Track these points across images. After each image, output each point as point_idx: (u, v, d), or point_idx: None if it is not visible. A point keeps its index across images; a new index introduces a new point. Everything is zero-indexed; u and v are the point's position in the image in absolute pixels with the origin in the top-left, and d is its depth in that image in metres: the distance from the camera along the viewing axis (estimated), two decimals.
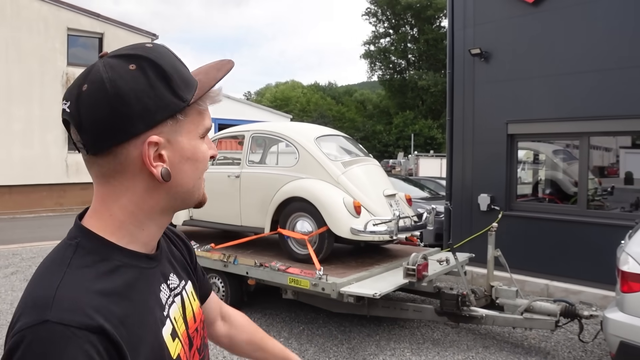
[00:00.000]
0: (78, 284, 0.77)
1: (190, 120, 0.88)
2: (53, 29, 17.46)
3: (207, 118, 0.93)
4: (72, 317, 0.72)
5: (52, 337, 0.70)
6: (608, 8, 6.74)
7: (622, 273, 3.86)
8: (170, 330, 0.90)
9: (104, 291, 0.78)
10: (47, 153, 17.35)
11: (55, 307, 0.72)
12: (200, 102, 0.89)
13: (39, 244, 11.06)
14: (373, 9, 50.61)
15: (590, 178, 7.30)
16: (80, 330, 0.71)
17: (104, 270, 0.81)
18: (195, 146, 0.90)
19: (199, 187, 0.94)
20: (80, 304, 0.74)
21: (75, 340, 0.70)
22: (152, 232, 0.92)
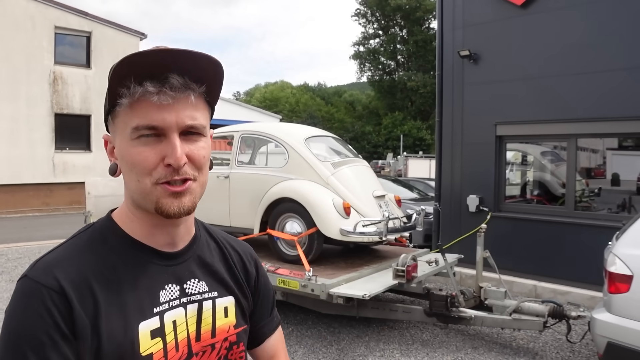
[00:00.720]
0: (65, 254, 0.90)
1: (120, 121, 0.90)
2: (40, 27, 17.28)
3: (135, 118, 0.87)
4: (41, 275, 0.85)
5: (24, 289, 0.85)
6: (596, 11, 6.79)
7: (610, 274, 3.89)
8: (154, 328, 0.90)
9: (84, 264, 0.88)
10: (33, 152, 17.16)
11: (35, 267, 0.88)
12: (120, 99, 0.87)
13: (25, 244, 10.93)
14: (362, 10, 50.66)
15: (578, 179, 7.36)
16: (45, 287, 0.83)
17: (97, 249, 0.92)
18: (124, 147, 0.90)
19: (145, 192, 0.89)
20: (53, 268, 0.86)
21: (39, 293, 0.83)
22: (144, 227, 0.95)
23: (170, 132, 0.88)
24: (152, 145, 0.88)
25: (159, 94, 0.86)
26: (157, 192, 0.89)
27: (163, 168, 0.88)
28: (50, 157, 17.64)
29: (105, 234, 0.95)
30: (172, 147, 0.87)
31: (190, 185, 0.90)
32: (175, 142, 0.87)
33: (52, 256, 0.90)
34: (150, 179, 0.88)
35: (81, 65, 18.38)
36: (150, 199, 0.90)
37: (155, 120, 0.86)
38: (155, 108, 0.86)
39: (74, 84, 18.04)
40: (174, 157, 0.87)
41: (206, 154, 0.94)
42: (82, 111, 18.25)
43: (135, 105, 0.86)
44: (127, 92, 0.86)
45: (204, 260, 1.03)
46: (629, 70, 6.47)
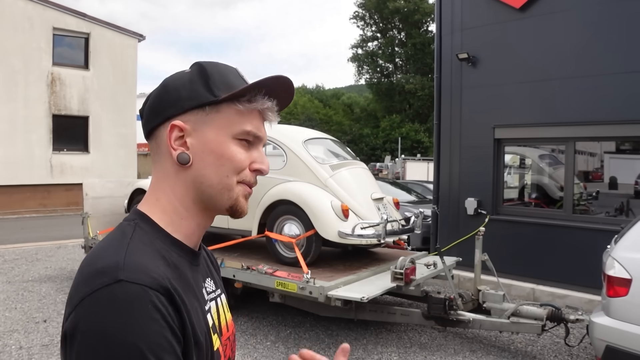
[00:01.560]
0: (143, 253, 0.84)
1: (224, 117, 0.92)
2: (38, 28, 17.25)
3: (248, 122, 0.94)
4: (144, 278, 0.78)
5: (129, 294, 0.76)
6: (594, 14, 6.81)
7: (608, 277, 3.89)
8: (212, 324, 0.94)
9: (162, 265, 0.85)
10: (31, 153, 17.11)
11: (127, 269, 0.78)
12: (240, 104, 0.92)
13: (21, 245, 10.91)
14: (361, 13, 50.73)
15: (576, 183, 7.37)
16: (152, 290, 0.78)
17: (159, 249, 0.88)
18: (222, 142, 0.92)
19: (228, 188, 0.93)
20: (148, 268, 0.81)
21: (148, 296, 0.77)
22: (190, 226, 0.96)
23: (261, 145, 0.99)
24: (246, 149, 0.95)
25: (273, 112, 0.97)
26: (238, 190, 0.94)
27: (249, 172, 0.95)
28: (48, 158, 17.59)
29: (154, 235, 0.91)
30: (262, 156, 0.98)
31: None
32: (264, 152, 1.00)
33: (133, 258, 0.81)
34: (238, 177, 0.94)
35: (79, 67, 18.36)
36: (230, 195, 0.94)
37: (259, 131, 0.96)
38: (259, 120, 0.96)
39: (72, 85, 18.01)
40: (266, 165, 0.98)
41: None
42: (79, 112, 18.22)
43: (248, 113, 0.94)
44: (253, 99, 0.93)
45: (206, 260, 1.07)
46: (627, 74, 6.49)
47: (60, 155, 17.87)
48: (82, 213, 8.07)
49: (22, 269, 8.63)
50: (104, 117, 18.60)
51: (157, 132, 0.94)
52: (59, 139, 17.75)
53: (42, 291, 7.26)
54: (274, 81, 0.94)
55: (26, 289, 7.39)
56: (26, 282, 7.80)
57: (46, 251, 10.31)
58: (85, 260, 0.86)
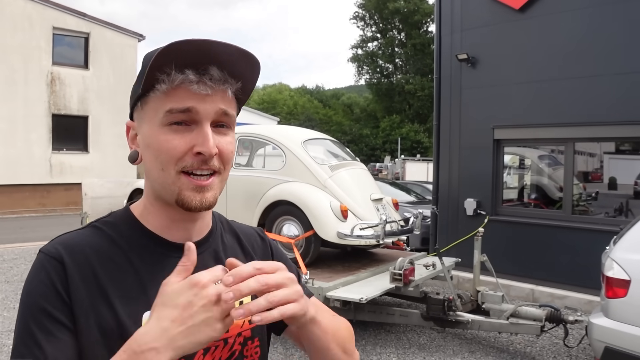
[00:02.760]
0: (76, 235, 0.93)
1: (152, 107, 0.89)
2: (38, 27, 17.24)
3: (168, 102, 0.85)
4: (49, 248, 0.90)
5: (36, 260, 0.90)
6: (594, 15, 6.81)
7: (607, 278, 3.89)
8: None
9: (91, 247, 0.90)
10: (30, 153, 17.11)
11: (48, 243, 0.91)
12: (158, 85, 0.86)
13: (20, 245, 10.89)
14: (361, 13, 50.73)
15: (575, 183, 7.36)
16: (47, 256, 0.88)
17: (110, 237, 0.93)
18: (152, 134, 0.88)
19: (168, 182, 0.88)
20: (62, 243, 0.90)
21: (43, 261, 0.88)
22: (161, 220, 0.95)
23: (204, 121, 0.87)
24: (182, 133, 0.87)
25: (198, 83, 0.85)
26: (180, 183, 0.88)
27: (191, 156, 0.87)
28: (47, 157, 17.59)
29: (121, 223, 0.95)
30: (204, 135, 0.86)
31: (213, 181, 0.90)
32: (208, 130, 0.87)
33: (65, 236, 0.93)
34: (176, 167, 0.87)
35: (79, 66, 18.35)
36: (172, 189, 0.88)
37: (191, 103, 0.86)
38: (192, 96, 0.86)
39: (72, 84, 18.00)
40: (207, 145, 0.86)
41: (233, 149, 0.93)
42: (79, 112, 18.21)
43: (172, 92, 0.86)
44: (165, 78, 0.85)
45: (219, 255, 1.01)
46: (626, 75, 6.49)
47: (60, 155, 17.86)
48: (81, 213, 8.08)
49: (20, 269, 8.62)
50: (103, 117, 18.59)
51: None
52: (59, 139, 17.74)
53: None
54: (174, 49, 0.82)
55: None
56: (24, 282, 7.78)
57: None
58: None
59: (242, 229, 1.15)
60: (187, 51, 0.83)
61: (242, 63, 0.89)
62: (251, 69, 0.91)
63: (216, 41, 0.84)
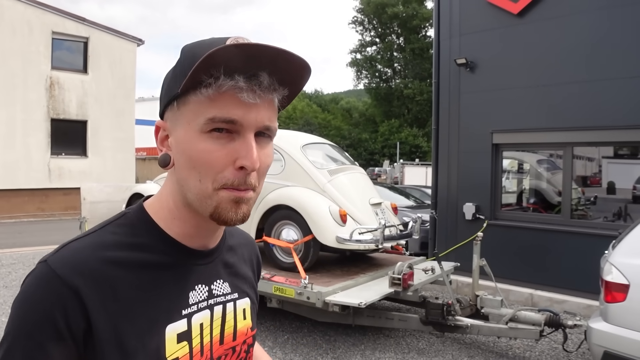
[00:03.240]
0: (92, 243, 0.83)
1: (190, 109, 0.81)
2: (37, 32, 17.26)
3: (213, 108, 0.79)
4: (62, 267, 0.79)
5: (41, 275, 0.80)
6: (591, 20, 6.83)
7: (606, 283, 3.88)
8: (181, 331, 0.86)
9: (112, 259, 0.82)
10: (29, 157, 17.10)
11: (58, 253, 0.82)
12: (202, 88, 0.78)
13: (19, 249, 10.87)
14: (360, 18, 50.89)
15: (574, 188, 7.37)
16: (60, 279, 0.78)
17: (128, 242, 0.85)
18: (189, 139, 0.81)
19: (205, 195, 0.82)
20: (76, 261, 0.80)
21: (53, 283, 0.78)
22: (184, 227, 0.88)
23: (248, 132, 0.80)
24: (223, 143, 0.80)
25: (247, 91, 0.78)
26: (218, 197, 0.81)
27: (232, 172, 0.80)
28: (46, 162, 17.58)
29: (138, 227, 0.87)
30: (247, 147, 0.80)
31: (250, 193, 0.84)
32: (252, 142, 0.80)
33: (77, 245, 0.82)
34: (215, 182, 0.81)
35: (78, 71, 18.36)
36: (208, 203, 0.82)
37: (236, 115, 0.79)
38: (238, 105, 0.79)
39: (71, 89, 18.01)
40: (250, 159, 0.80)
41: (271, 162, 0.88)
42: (78, 117, 18.21)
43: (217, 98, 0.79)
44: (212, 82, 0.78)
45: (227, 261, 0.99)
46: (625, 80, 6.50)
47: (59, 160, 17.85)
48: (79, 217, 8.06)
49: (19, 274, 8.60)
50: (102, 122, 18.59)
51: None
52: (57, 143, 17.73)
53: None
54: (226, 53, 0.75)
55: None
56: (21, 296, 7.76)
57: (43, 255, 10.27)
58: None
59: (241, 237, 1.12)
60: (239, 55, 0.76)
61: (291, 69, 0.82)
62: (300, 75, 0.84)
63: (269, 46, 0.77)
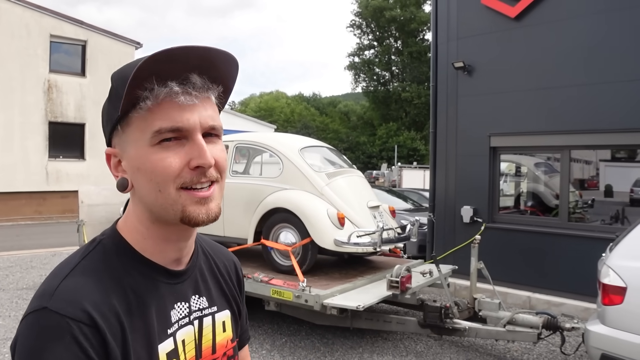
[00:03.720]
0: (84, 278, 0.81)
1: (136, 128, 0.83)
2: (35, 35, 17.26)
3: (156, 120, 0.81)
4: (68, 307, 0.76)
5: (47, 324, 0.75)
6: (589, 24, 6.86)
7: (603, 286, 3.89)
8: (169, 350, 0.88)
9: (106, 289, 0.81)
10: (27, 160, 17.08)
11: (55, 296, 0.77)
12: (141, 102, 0.81)
13: (16, 252, 10.85)
14: (357, 21, 50.99)
15: (571, 191, 7.39)
16: (74, 321, 0.75)
17: (112, 271, 0.84)
18: (141, 155, 0.83)
19: (168, 202, 0.83)
20: (79, 297, 0.78)
21: (68, 328, 0.75)
22: (157, 244, 0.90)
23: (195, 134, 0.83)
24: (174, 150, 0.82)
25: (183, 94, 0.81)
26: (182, 200, 0.83)
27: (189, 172, 0.82)
28: (44, 165, 17.55)
29: (116, 253, 0.88)
30: (199, 147, 0.82)
31: (214, 190, 0.86)
32: (202, 142, 0.83)
33: (70, 283, 0.80)
34: (174, 185, 0.82)
35: (76, 74, 18.36)
36: (175, 208, 0.84)
37: (180, 122, 0.81)
38: (177, 110, 0.81)
39: (69, 92, 18.01)
40: (205, 158, 0.82)
41: (226, 156, 0.91)
42: (76, 119, 18.20)
43: (156, 109, 0.81)
44: (149, 95, 0.80)
45: (203, 275, 1.00)
46: (622, 83, 6.52)
47: (56, 162, 17.83)
48: (77, 220, 8.04)
49: (16, 277, 8.58)
50: (100, 125, 18.53)
51: None
52: (55, 146, 17.72)
53: None
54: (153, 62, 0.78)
55: (20, 296, 7.34)
56: (20, 290, 7.76)
57: (41, 259, 10.27)
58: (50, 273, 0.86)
59: (217, 251, 1.12)
60: (166, 62, 0.79)
61: (219, 64, 0.85)
62: (229, 69, 0.87)
63: (192, 46, 0.79)
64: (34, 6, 17.30)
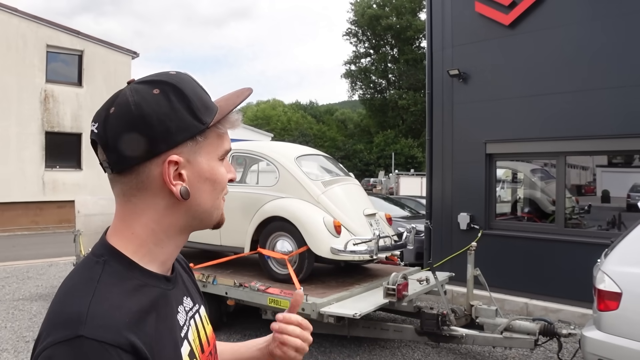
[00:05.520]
0: (110, 300, 0.79)
1: (210, 143, 0.93)
2: (32, 45, 17.30)
3: (227, 141, 0.97)
4: (106, 333, 0.74)
5: (88, 353, 0.72)
6: (582, 31, 6.91)
7: (599, 291, 3.90)
8: (189, 352, 0.92)
9: (134, 309, 0.81)
10: (23, 170, 17.05)
11: (89, 322, 0.74)
12: (220, 125, 0.94)
13: (12, 263, 10.82)
14: (354, 30, 51.18)
15: (568, 197, 7.41)
16: (114, 347, 0.73)
17: (130, 289, 0.83)
18: (213, 167, 0.94)
19: (218, 207, 0.97)
20: (114, 321, 0.76)
21: (109, 357, 0.73)
22: (170, 251, 0.94)
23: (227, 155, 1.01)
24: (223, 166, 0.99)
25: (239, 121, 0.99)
26: (222, 205, 1.00)
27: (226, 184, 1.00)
28: (40, 175, 17.53)
29: (125, 269, 0.87)
30: (229, 166, 1.00)
31: None
32: (230, 162, 1.03)
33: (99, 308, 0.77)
34: (222, 194, 0.99)
35: (73, 84, 18.38)
36: (218, 212, 0.99)
37: (230, 146, 0.99)
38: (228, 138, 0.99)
39: (65, 102, 18.02)
40: (234, 173, 1.01)
41: None
42: (72, 129, 18.19)
43: (224, 134, 0.97)
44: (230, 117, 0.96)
45: (181, 277, 1.05)
46: (617, 89, 6.57)
47: (53, 172, 17.80)
48: (74, 230, 8.03)
49: (12, 287, 8.55)
50: None
51: (142, 168, 0.86)
52: (52, 156, 17.71)
53: (33, 310, 7.19)
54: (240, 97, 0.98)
55: (17, 307, 7.32)
56: (17, 300, 7.73)
57: (37, 269, 10.23)
58: (54, 300, 0.84)
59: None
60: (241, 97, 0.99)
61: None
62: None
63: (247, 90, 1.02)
64: (30, 17, 17.35)
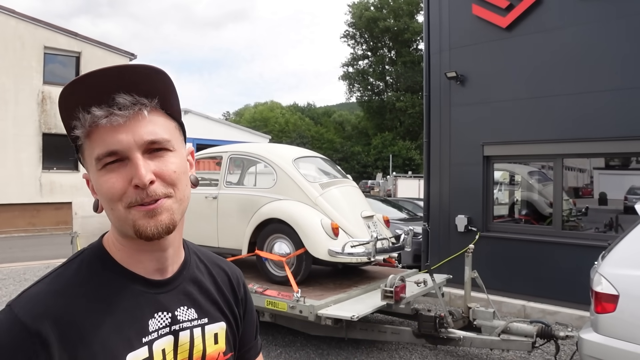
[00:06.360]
0: (52, 287, 0.87)
1: (87, 154, 0.88)
2: (29, 47, 17.28)
3: (95, 147, 0.85)
4: (22, 310, 0.83)
5: (4, 319, 0.83)
6: (580, 33, 6.92)
7: (596, 294, 3.90)
8: (142, 359, 0.89)
9: (69, 294, 0.86)
10: (20, 172, 17.02)
11: (19, 299, 0.86)
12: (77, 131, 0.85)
13: (9, 265, 10.78)
14: (351, 32, 51.32)
15: (565, 199, 7.42)
16: (22, 323, 0.81)
17: (86, 280, 0.89)
18: (95, 179, 0.88)
19: (120, 219, 0.87)
20: (36, 303, 0.84)
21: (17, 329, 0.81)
22: (132, 255, 0.93)
23: (132, 153, 0.84)
24: (118, 170, 0.85)
25: (108, 116, 0.83)
26: (131, 216, 0.86)
27: (133, 191, 0.84)
28: (37, 177, 17.50)
29: (94, 263, 0.92)
30: (135, 167, 0.84)
31: (163, 203, 0.87)
32: (138, 161, 0.84)
33: (38, 289, 0.87)
34: (122, 204, 0.85)
35: None
36: (127, 224, 0.86)
37: (112, 144, 0.84)
38: (111, 132, 0.83)
39: None
40: (138, 177, 0.83)
41: (177, 168, 0.89)
42: None
43: (91, 135, 0.85)
44: (78, 124, 0.84)
45: (195, 286, 1.01)
46: (614, 91, 6.58)
47: (50, 174, 17.77)
48: (71, 232, 7.99)
49: (9, 289, 8.52)
50: None
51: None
52: (49, 158, 17.67)
53: None
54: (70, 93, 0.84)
55: None
56: None
57: (34, 271, 10.20)
58: None
59: (218, 261, 1.14)
60: (85, 88, 0.83)
61: (144, 78, 0.86)
62: (160, 79, 0.88)
63: (109, 67, 0.84)
64: (28, 18, 17.33)
